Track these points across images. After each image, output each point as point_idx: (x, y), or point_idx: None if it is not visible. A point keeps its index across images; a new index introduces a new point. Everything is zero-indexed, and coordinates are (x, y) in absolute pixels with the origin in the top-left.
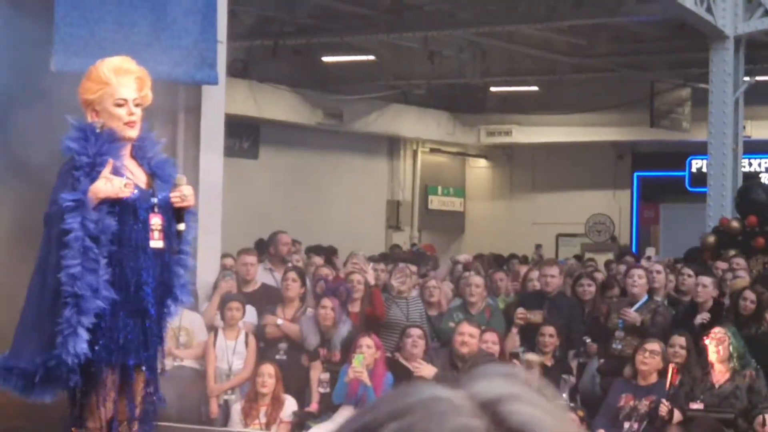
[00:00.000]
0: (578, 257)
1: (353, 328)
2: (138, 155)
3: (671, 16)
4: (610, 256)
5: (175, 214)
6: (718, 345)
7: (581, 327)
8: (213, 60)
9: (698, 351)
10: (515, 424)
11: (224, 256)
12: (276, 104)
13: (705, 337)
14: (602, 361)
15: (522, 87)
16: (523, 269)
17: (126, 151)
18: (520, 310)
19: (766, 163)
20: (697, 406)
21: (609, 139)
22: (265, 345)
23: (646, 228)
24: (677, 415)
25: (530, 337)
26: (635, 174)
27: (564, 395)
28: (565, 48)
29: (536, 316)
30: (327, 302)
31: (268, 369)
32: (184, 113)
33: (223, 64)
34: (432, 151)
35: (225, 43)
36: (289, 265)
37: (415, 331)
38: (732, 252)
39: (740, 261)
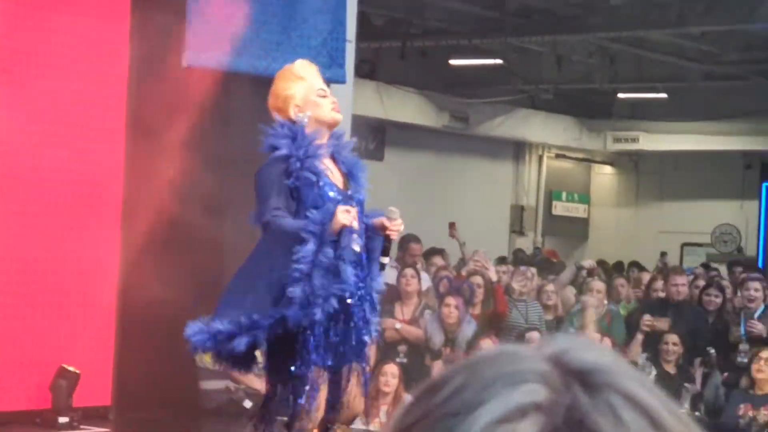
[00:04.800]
0: (705, 266)
1: (478, 329)
2: (335, 153)
3: None
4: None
5: (383, 247)
6: None
7: (706, 336)
8: (342, 59)
9: None
10: (578, 364)
11: None
12: (402, 106)
13: None
14: (726, 374)
15: (650, 94)
16: (645, 277)
17: (327, 150)
18: (647, 317)
19: None
20: None
21: (738, 148)
22: (384, 346)
23: None
24: None
25: (653, 345)
26: (764, 184)
27: (686, 404)
28: (695, 55)
29: (662, 324)
30: (451, 300)
31: (392, 369)
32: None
33: (352, 63)
34: (557, 156)
35: (354, 43)
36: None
37: (534, 335)
38: None
39: None
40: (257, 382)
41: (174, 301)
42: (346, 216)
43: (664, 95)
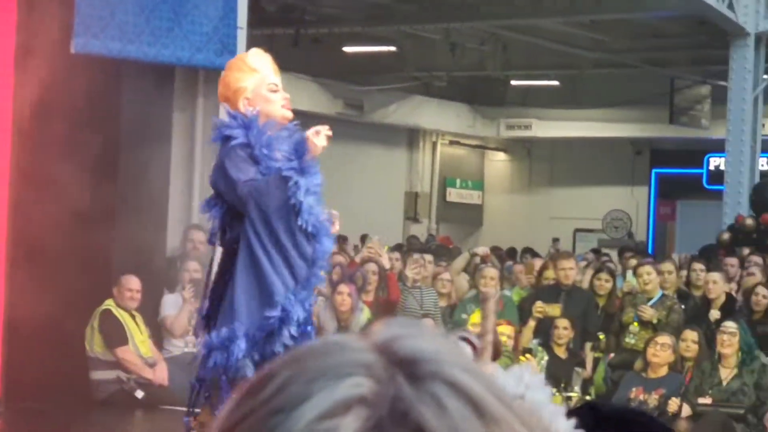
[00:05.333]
0: (596, 251)
1: (371, 316)
2: (279, 147)
3: (692, 12)
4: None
5: None
6: (727, 340)
7: (597, 320)
8: (233, 46)
9: (709, 346)
10: (404, 353)
11: None
12: (296, 94)
13: (717, 333)
14: (612, 355)
15: (543, 81)
16: (538, 263)
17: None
18: (539, 304)
19: None
20: (705, 400)
21: (628, 135)
22: None
23: (663, 225)
24: (686, 410)
25: (545, 331)
26: (653, 171)
27: (576, 388)
28: (585, 43)
29: (554, 309)
30: (344, 288)
31: None
32: (204, 99)
33: (243, 50)
34: (451, 143)
35: (245, 30)
36: None
37: (428, 322)
38: (746, 249)
39: (757, 259)
40: (148, 371)
41: (62, 293)
42: (320, 138)
43: (555, 83)
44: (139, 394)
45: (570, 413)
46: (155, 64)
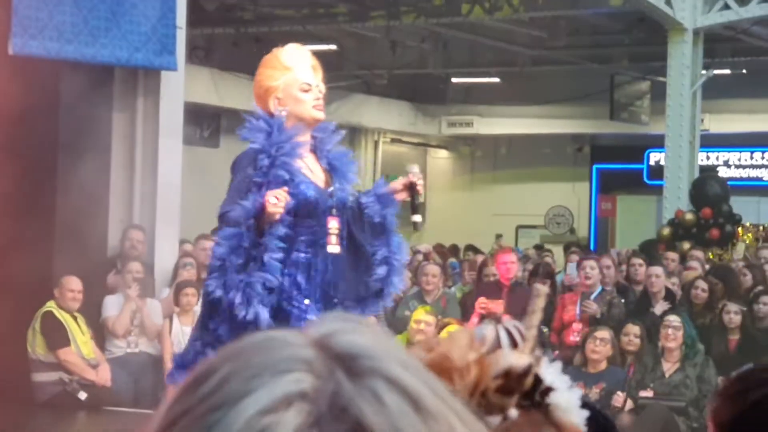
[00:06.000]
0: (538, 247)
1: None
2: (317, 148)
3: (631, 8)
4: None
5: (412, 205)
6: (672, 334)
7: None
8: (172, 46)
9: (651, 340)
10: (343, 348)
11: (183, 242)
12: (237, 93)
13: (660, 326)
14: (556, 352)
15: (484, 78)
16: (480, 259)
17: (307, 147)
18: (481, 300)
19: (723, 156)
20: (647, 394)
21: (569, 131)
22: None
23: (604, 220)
24: (628, 403)
25: None
26: (594, 166)
27: None
28: (526, 40)
29: (497, 306)
30: None
31: None
32: (144, 99)
33: (183, 50)
34: (393, 141)
35: (185, 29)
36: None
37: (371, 320)
38: (686, 244)
39: (698, 253)
40: (91, 373)
41: (2, 295)
42: (274, 206)
43: (496, 80)
44: (82, 395)
45: None
46: (94, 65)
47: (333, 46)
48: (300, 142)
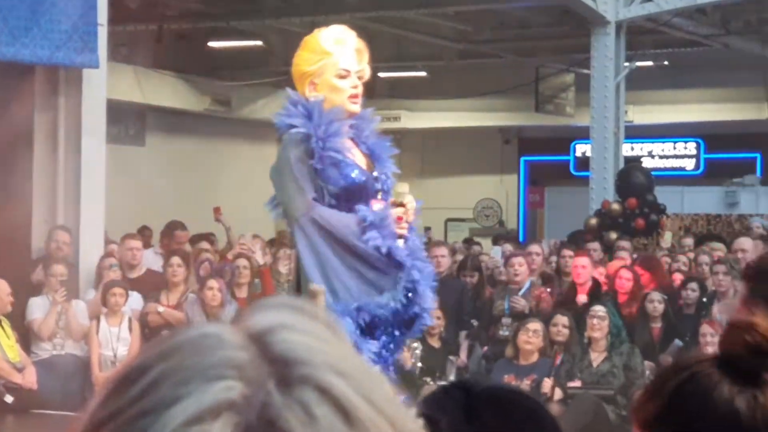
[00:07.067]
0: (468, 240)
1: (240, 311)
2: (356, 135)
3: (555, 1)
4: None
5: None
6: (597, 324)
7: (470, 309)
8: (94, 44)
9: (579, 330)
10: (278, 352)
11: (108, 242)
12: (162, 90)
13: (587, 317)
14: (486, 348)
15: (410, 73)
16: None
17: (346, 130)
18: None
19: (648, 147)
20: (575, 384)
21: (496, 124)
22: (149, 332)
23: (533, 212)
24: (558, 393)
25: None
26: (522, 159)
27: (451, 376)
28: (451, 34)
29: None
30: (213, 283)
31: None
32: (65, 98)
33: (104, 47)
34: None
35: (106, 27)
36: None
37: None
38: (613, 234)
39: (625, 243)
40: (17, 376)
41: None
42: (399, 228)
43: (423, 74)
44: (9, 398)
45: (441, 393)
46: (15, 64)
47: (259, 43)
48: (341, 123)
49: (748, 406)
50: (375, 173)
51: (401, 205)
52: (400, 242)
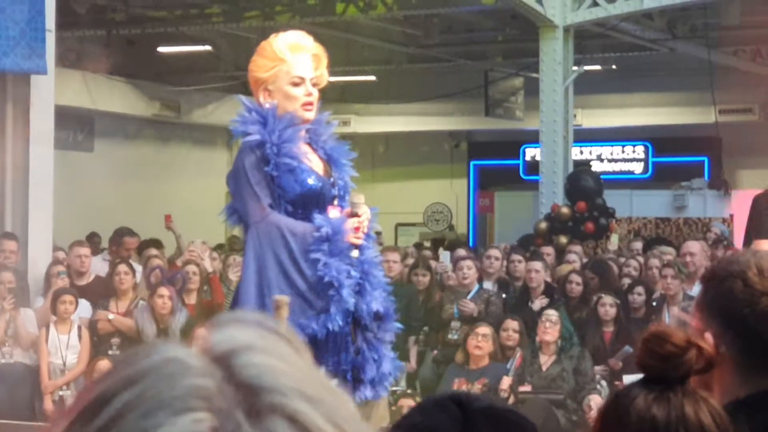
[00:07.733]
0: (418, 245)
1: (190, 318)
2: (312, 140)
3: (503, 5)
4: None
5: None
6: (549, 328)
7: (419, 314)
8: (42, 50)
9: (529, 334)
10: (245, 378)
11: (56, 249)
12: (111, 96)
13: (539, 321)
14: (435, 352)
15: (360, 77)
16: None
17: (302, 135)
18: None
19: (596, 151)
20: (525, 388)
21: (445, 128)
22: (98, 340)
23: (483, 216)
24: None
25: None
26: (471, 163)
27: (402, 382)
28: (400, 38)
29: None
30: (164, 291)
31: (105, 365)
32: (13, 104)
33: (52, 53)
34: None
35: (54, 32)
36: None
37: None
38: (563, 237)
39: (577, 247)
40: None
41: None
42: (358, 238)
43: (372, 78)
44: None
45: (434, 407)
46: None
47: (208, 47)
48: (298, 129)
49: (664, 410)
50: (332, 178)
51: (356, 215)
52: (355, 253)
